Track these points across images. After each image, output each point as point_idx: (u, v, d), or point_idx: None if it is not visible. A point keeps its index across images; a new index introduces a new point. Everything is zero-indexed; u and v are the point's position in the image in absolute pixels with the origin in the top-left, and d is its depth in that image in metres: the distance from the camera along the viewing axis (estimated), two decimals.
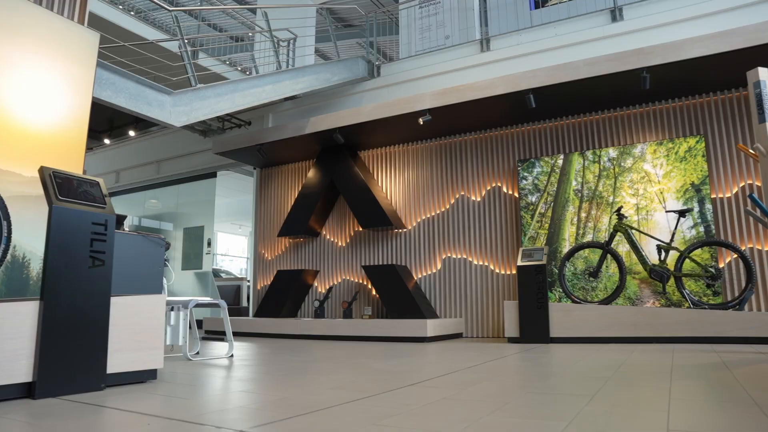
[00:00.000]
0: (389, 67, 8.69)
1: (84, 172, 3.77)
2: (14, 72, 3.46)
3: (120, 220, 3.53)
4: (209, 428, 1.81)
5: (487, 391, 2.51)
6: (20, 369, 2.33)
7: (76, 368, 2.49)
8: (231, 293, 12.33)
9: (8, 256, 3.02)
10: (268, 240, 9.26)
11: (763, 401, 2.12)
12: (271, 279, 8.77)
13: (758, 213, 4.31)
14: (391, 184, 8.28)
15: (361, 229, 8.26)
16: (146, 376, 2.92)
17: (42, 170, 2.58)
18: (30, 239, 3.38)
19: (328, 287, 8.39)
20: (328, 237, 8.65)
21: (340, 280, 8.41)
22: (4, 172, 3.31)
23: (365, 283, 8.12)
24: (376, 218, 7.78)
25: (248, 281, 12.09)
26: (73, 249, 2.54)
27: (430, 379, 2.95)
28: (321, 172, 8.39)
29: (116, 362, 2.72)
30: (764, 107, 4.35)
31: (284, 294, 8.16)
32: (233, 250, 20.17)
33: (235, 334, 7.73)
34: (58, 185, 2.56)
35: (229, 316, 8.51)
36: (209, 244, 10.78)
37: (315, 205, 8.28)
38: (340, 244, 8.53)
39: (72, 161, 3.69)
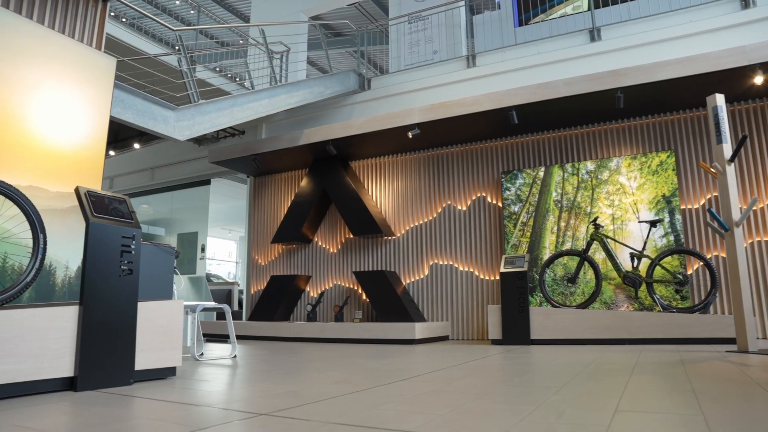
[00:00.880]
0: (379, 81, 9.07)
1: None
2: (41, 96, 3.78)
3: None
4: (237, 413, 2.16)
5: (470, 385, 2.89)
6: (64, 365, 2.66)
7: (110, 365, 2.83)
8: (223, 297, 12.60)
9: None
10: (261, 246, 9.58)
11: (700, 390, 2.52)
12: (265, 284, 9.09)
13: (716, 224, 4.74)
14: (381, 193, 8.66)
15: (351, 236, 8.61)
16: (167, 373, 3.26)
17: (78, 189, 2.91)
18: (56, 249, 3.71)
19: (320, 292, 8.74)
20: (320, 244, 8.99)
21: (331, 285, 8.76)
22: (33, 188, 3.63)
23: (356, 288, 8.48)
24: (366, 226, 8.14)
25: (239, 285, 12.39)
26: (106, 260, 2.88)
27: (420, 376, 3.32)
28: (314, 181, 8.75)
29: (142, 360, 3.05)
30: (721, 130, 4.80)
31: (278, 298, 8.49)
32: (220, 254, 20.39)
33: (238, 337, 8.02)
34: (92, 203, 2.90)
35: (218, 320, 8.81)
36: (203, 249, 11.06)
37: (308, 212, 8.63)
38: (331, 250, 8.88)
39: (92, 177, 4.02)
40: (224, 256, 20.64)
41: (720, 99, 4.93)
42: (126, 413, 2.21)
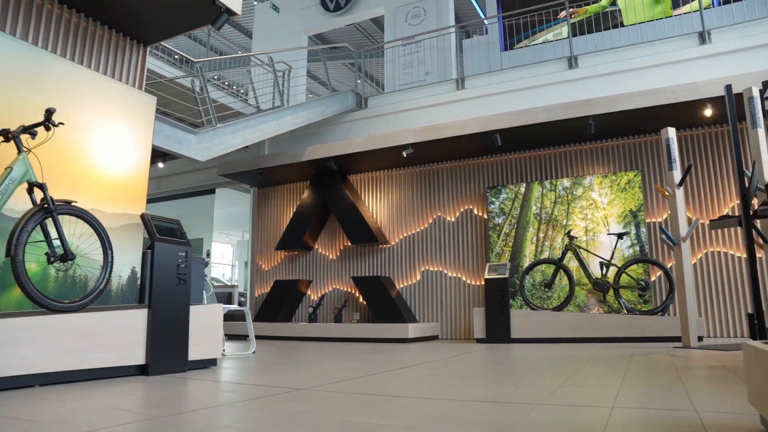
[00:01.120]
0: (376, 100, 9.84)
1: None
2: (98, 133, 4.51)
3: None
4: (280, 388, 2.91)
5: (457, 371, 3.65)
6: (138, 355, 3.40)
7: (171, 355, 3.57)
8: (224, 299, 13.30)
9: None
10: (265, 252, 10.30)
11: (630, 372, 3.30)
12: (269, 288, 9.82)
13: (666, 239, 5.56)
14: (377, 204, 9.42)
15: (350, 244, 9.36)
16: (210, 363, 3.99)
17: (143, 216, 3.64)
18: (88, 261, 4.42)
19: (320, 295, 9.48)
20: (320, 251, 9.74)
21: (331, 289, 9.51)
22: (94, 210, 4.35)
23: (354, 292, 9.23)
24: (363, 235, 8.90)
25: (237, 287, 13.08)
26: (167, 272, 3.61)
27: (414, 365, 4.08)
28: (315, 193, 9.49)
29: (192, 352, 3.79)
30: (672, 158, 5.62)
31: (281, 301, 9.22)
32: (215, 257, 21.06)
33: (238, 336, 8.76)
34: (156, 227, 3.63)
35: (226, 321, 9.52)
36: (208, 254, 11.75)
37: (309, 222, 9.37)
38: (331, 257, 9.63)
39: (138, 200, 4.75)
40: (218, 258, 21.29)
41: (672, 132, 5.75)
42: (194, 389, 2.95)
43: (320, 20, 12.26)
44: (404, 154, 8.21)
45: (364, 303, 8.95)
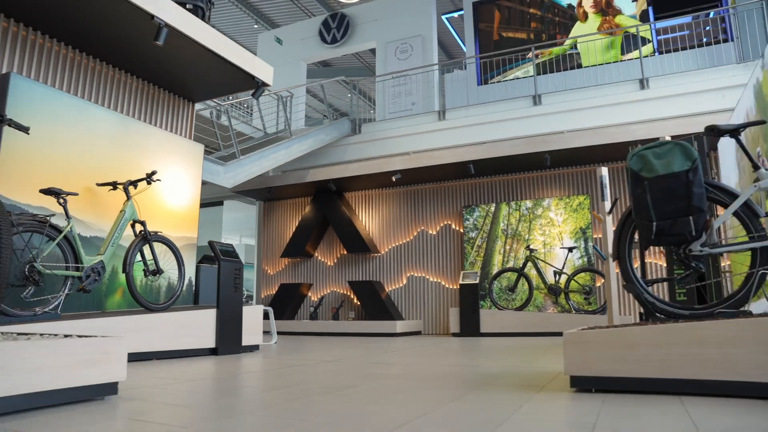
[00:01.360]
0: (368, 127, 11.35)
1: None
2: (163, 175, 5.98)
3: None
4: (313, 361, 4.40)
5: (433, 351, 5.17)
6: (210, 340, 4.87)
7: (231, 341, 5.04)
8: None
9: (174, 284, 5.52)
10: (270, 259, 11.75)
11: (551, 352, 4.83)
12: (274, 290, 11.28)
13: (598, 254, 7.14)
14: (369, 219, 10.93)
15: (346, 252, 10.85)
16: (254, 348, 5.48)
17: (211, 242, 5.11)
18: (174, 273, 5.88)
19: (320, 296, 10.97)
20: (320, 258, 11.23)
21: (329, 291, 11.00)
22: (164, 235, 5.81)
23: (349, 294, 10.73)
24: (357, 245, 10.40)
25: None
26: (228, 283, 5.09)
27: (402, 350, 5.60)
28: (316, 208, 10.98)
29: (244, 340, 5.26)
30: (605, 192, 7.20)
31: (286, 301, 10.68)
32: None
33: None
34: (220, 250, 5.11)
35: None
36: None
37: (311, 233, 10.86)
38: (329, 263, 11.12)
39: (192, 225, 6.22)
40: None
41: (604, 170, 7.30)
42: (246, 362, 4.44)
43: (319, 51, 13.75)
44: (393, 178, 9.74)
45: (359, 303, 10.45)
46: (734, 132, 2.88)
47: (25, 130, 3.39)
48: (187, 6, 5.49)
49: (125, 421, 1.95)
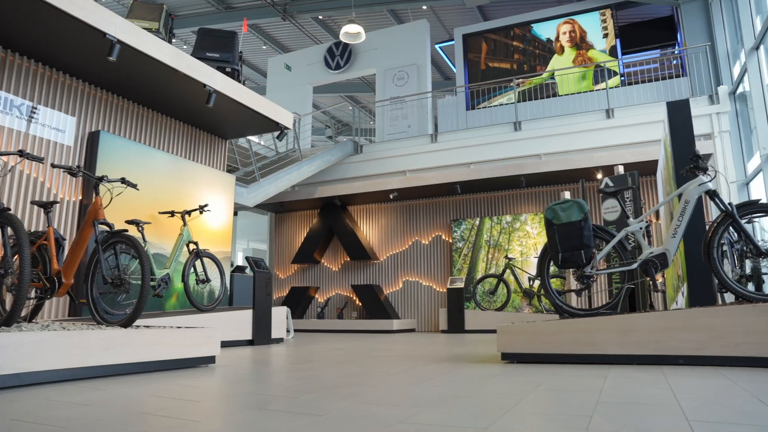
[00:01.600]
0: (369, 147, 12.78)
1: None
2: (203, 202, 7.41)
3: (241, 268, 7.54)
4: (329, 349, 5.83)
5: (423, 343, 6.61)
6: (248, 334, 6.31)
7: (263, 334, 6.48)
8: None
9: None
10: (281, 264, 13.19)
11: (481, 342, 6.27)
12: (285, 292, 12.71)
13: None
14: (370, 230, 12.37)
15: (349, 259, 12.29)
16: (279, 340, 6.91)
17: (247, 257, 6.54)
18: (215, 282, 7.33)
19: (326, 298, 12.41)
20: (326, 264, 12.67)
21: (334, 294, 12.44)
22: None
23: (352, 296, 12.18)
24: (359, 252, 11.84)
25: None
26: (261, 289, 6.52)
27: (399, 341, 7.03)
28: (322, 220, 12.42)
29: (273, 333, 6.70)
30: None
31: (296, 302, 12.11)
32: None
33: None
34: (254, 262, 6.54)
35: None
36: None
37: (318, 242, 12.30)
38: (334, 269, 12.57)
39: (226, 242, 7.66)
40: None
41: (567, 194, 8.77)
42: (280, 349, 5.88)
43: (324, 76, 15.19)
44: (391, 196, 11.18)
45: (360, 304, 11.90)
46: (614, 193, 4.34)
47: (134, 186, 4.79)
48: (227, 69, 6.94)
49: (222, 375, 3.37)
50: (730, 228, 3.94)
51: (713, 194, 3.97)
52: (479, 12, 14.85)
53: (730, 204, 3.85)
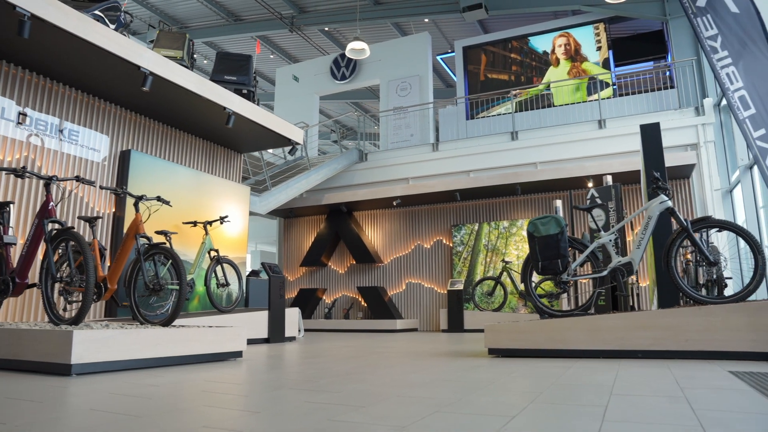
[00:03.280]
0: (373, 155, 13.42)
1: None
2: (222, 212, 8.07)
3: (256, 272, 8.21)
4: (339, 346, 6.47)
5: (424, 341, 7.24)
6: (264, 332, 6.95)
7: (278, 333, 7.12)
8: None
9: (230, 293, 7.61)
10: (290, 267, 13.85)
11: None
12: (294, 294, 13.37)
13: None
14: (375, 234, 13.01)
15: (354, 262, 12.93)
16: (291, 338, 7.56)
17: (263, 263, 7.19)
18: (234, 285, 7.99)
19: (333, 299, 13.05)
20: (332, 267, 13.32)
21: (340, 295, 13.09)
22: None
23: (357, 297, 12.82)
24: (364, 256, 12.48)
25: None
26: (275, 291, 7.16)
27: (402, 340, 7.66)
28: (329, 226, 13.07)
29: (286, 332, 7.34)
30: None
31: (304, 303, 12.76)
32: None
33: None
34: (269, 266, 7.18)
35: None
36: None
37: (325, 246, 12.94)
38: (340, 272, 13.21)
39: (242, 248, 8.32)
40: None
41: (558, 202, 9.38)
42: (294, 347, 6.52)
43: (329, 86, 15.85)
44: (394, 203, 11.82)
45: (366, 305, 12.53)
46: (588, 209, 4.97)
47: (168, 203, 5.44)
48: (243, 91, 7.59)
49: (250, 366, 4.01)
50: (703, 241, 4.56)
51: (672, 211, 4.59)
52: (479, 25, 15.47)
53: (686, 220, 4.47)
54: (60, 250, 4.36)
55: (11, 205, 4.64)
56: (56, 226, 4.29)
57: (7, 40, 5.23)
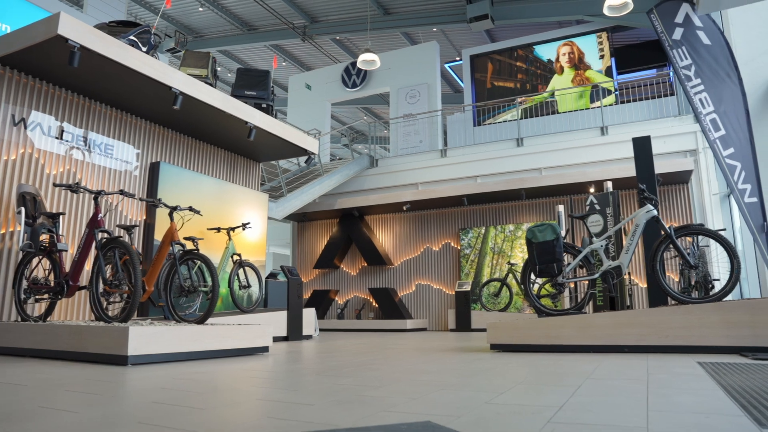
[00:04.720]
0: (384, 161, 13.92)
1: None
2: (243, 219, 8.59)
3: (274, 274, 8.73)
4: (356, 343, 6.96)
5: (434, 338, 7.72)
6: (283, 331, 7.46)
7: (296, 331, 7.63)
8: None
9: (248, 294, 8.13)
10: (304, 269, 14.37)
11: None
12: (308, 295, 13.89)
13: None
14: (385, 237, 13.51)
15: (366, 264, 13.43)
16: (308, 337, 8.06)
17: (282, 266, 7.70)
18: (254, 287, 8.51)
19: (345, 300, 13.56)
20: (345, 269, 13.83)
21: (352, 296, 13.59)
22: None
23: (369, 298, 13.31)
24: (376, 258, 12.98)
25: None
26: (294, 292, 7.67)
27: (413, 339, 8.14)
28: (341, 229, 13.58)
29: (303, 331, 7.84)
30: (561, 223, 9.70)
31: (317, 304, 13.28)
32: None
33: None
34: (287, 269, 7.70)
35: None
36: None
37: (337, 249, 13.46)
38: (352, 273, 13.72)
39: (261, 252, 8.84)
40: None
41: (560, 207, 9.82)
42: (311, 344, 7.03)
43: (341, 93, 16.36)
44: (404, 208, 12.30)
45: (377, 305, 13.03)
46: (582, 217, 5.44)
47: (198, 212, 5.96)
48: (262, 105, 8.11)
49: (277, 359, 4.51)
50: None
51: (657, 219, 5.05)
52: (486, 33, 15.93)
53: (670, 227, 4.92)
54: (108, 256, 4.89)
55: (62, 216, 5.17)
56: (105, 235, 4.83)
57: (57, 67, 5.78)
